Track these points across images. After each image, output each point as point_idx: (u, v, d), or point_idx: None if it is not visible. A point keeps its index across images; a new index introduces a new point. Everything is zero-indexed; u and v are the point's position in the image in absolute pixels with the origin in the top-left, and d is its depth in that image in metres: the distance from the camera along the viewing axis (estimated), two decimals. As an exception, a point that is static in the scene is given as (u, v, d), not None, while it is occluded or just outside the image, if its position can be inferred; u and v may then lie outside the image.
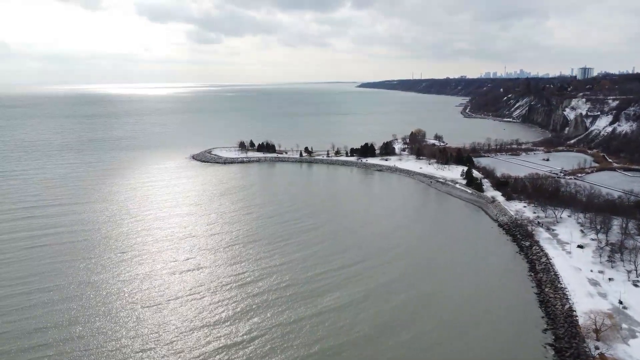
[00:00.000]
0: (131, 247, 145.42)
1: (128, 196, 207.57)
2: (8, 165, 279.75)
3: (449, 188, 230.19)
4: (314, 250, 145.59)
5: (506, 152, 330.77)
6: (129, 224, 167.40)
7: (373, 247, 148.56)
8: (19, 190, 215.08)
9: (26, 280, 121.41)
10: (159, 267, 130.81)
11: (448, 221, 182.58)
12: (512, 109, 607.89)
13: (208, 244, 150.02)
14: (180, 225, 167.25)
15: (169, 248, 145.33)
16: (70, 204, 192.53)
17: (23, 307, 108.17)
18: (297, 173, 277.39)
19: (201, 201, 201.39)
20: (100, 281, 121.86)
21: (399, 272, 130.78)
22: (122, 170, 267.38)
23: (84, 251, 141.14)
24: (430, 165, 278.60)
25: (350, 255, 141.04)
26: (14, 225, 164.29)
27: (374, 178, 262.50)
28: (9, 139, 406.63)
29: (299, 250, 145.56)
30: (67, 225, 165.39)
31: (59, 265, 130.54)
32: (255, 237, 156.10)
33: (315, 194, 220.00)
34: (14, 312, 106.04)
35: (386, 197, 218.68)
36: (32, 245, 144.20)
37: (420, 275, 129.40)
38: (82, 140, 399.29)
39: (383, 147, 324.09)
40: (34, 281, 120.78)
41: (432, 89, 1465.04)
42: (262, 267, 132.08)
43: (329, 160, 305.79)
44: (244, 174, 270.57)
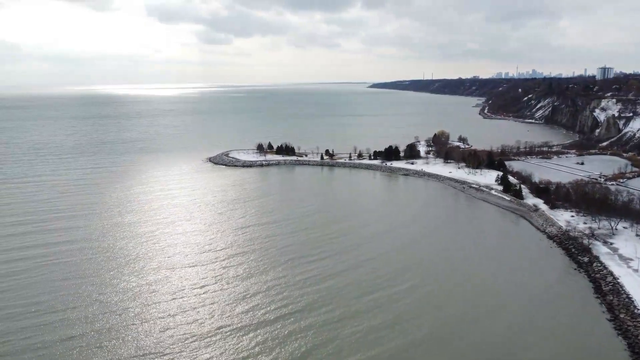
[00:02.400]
0: (152, 265, 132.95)
1: (145, 204, 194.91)
2: (20, 168, 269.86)
3: (484, 194, 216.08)
4: (338, 268, 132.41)
5: (536, 155, 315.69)
6: (147, 238, 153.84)
7: (406, 263, 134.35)
8: (32, 197, 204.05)
9: (40, 300, 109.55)
10: (184, 287, 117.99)
11: (489, 232, 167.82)
12: (534, 109, 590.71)
13: (235, 261, 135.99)
14: (204, 239, 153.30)
15: (194, 265, 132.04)
16: (85, 212, 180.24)
17: (37, 332, 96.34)
18: (318, 177, 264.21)
19: (222, 209, 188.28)
20: (119, 303, 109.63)
21: (436, 292, 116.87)
22: (137, 175, 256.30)
23: (100, 269, 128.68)
24: (459, 169, 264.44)
25: (382, 275, 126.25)
26: (27, 238, 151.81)
27: (400, 183, 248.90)
28: (21, 141, 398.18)
29: (324, 263, 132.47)
30: (82, 237, 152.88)
31: (75, 283, 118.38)
32: (287, 252, 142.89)
33: (338, 201, 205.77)
34: (29, 339, 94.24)
35: (416, 204, 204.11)
36: (46, 262, 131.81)
37: (463, 296, 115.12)
38: (95, 142, 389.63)
39: (407, 149, 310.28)
40: (48, 301, 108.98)
41: (445, 90, 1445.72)
42: (293, 284, 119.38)
43: (352, 164, 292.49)
44: (263, 178, 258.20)
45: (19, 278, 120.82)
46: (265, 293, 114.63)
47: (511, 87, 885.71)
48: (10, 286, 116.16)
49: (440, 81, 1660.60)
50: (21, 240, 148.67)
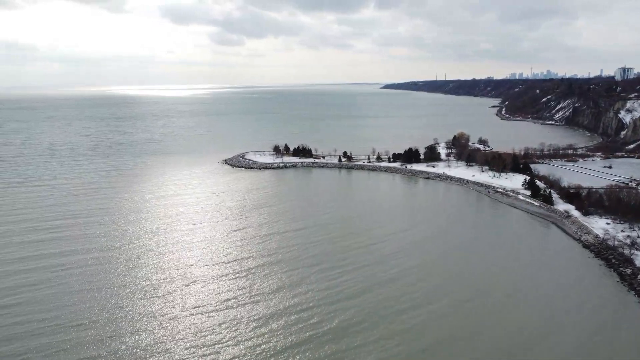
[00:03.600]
0: (172, 275, 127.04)
1: (162, 209, 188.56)
2: (35, 170, 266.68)
3: (511, 199, 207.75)
4: (360, 279, 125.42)
5: (561, 158, 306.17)
6: (166, 247, 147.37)
7: (441, 277, 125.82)
8: (47, 200, 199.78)
9: (58, 314, 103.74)
10: (207, 302, 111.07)
11: (520, 240, 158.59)
12: (553, 111, 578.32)
13: (260, 273, 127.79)
14: (226, 248, 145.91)
15: (216, 277, 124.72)
16: (100, 218, 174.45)
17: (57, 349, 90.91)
18: (337, 181, 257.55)
19: (243, 214, 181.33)
20: (138, 319, 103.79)
21: (479, 310, 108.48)
22: (153, 177, 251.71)
23: (117, 280, 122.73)
24: (483, 172, 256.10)
25: (417, 290, 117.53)
26: (42, 245, 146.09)
27: (422, 187, 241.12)
28: (36, 142, 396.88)
29: (354, 275, 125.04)
30: (98, 245, 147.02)
31: (92, 296, 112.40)
32: (313, 263, 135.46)
33: (361, 207, 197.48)
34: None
35: (442, 211, 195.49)
36: (62, 272, 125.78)
37: (511, 316, 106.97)
38: (110, 144, 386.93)
39: (428, 152, 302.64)
40: (66, 315, 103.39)
41: (460, 90, 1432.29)
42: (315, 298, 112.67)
43: (371, 167, 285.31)
44: (281, 181, 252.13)
45: (36, 289, 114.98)
46: (295, 309, 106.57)
47: (528, 87, 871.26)
48: (27, 299, 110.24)
49: (454, 82, 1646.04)
50: (36, 247, 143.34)
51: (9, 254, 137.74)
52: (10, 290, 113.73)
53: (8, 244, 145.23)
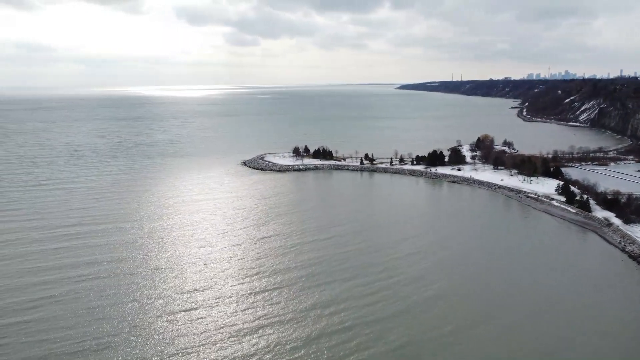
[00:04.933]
0: (195, 287, 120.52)
1: (183, 215, 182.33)
2: (53, 172, 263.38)
3: (544, 205, 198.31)
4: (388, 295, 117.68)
5: (590, 161, 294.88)
6: (188, 255, 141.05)
7: (476, 292, 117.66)
8: (66, 204, 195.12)
9: (79, 332, 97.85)
10: (233, 322, 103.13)
11: (558, 250, 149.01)
12: (577, 112, 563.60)
13: (290, 289, 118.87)
14: (252, 258, 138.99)
15: (243, 291, 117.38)
16: (119, 222, 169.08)
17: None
18: (360, 184, 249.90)
19: (266, 220, 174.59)
20: (161, 336, 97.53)
21: (521, 327, 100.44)
22: (172, 180, 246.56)
23: (137, 291, 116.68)
24: (512, 176, 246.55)
25: (460, 308, 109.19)
26: (60, 253, 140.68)
27: (448, 191, 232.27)
28: (55, 142, 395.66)
29: (392, 293, 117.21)
30: (118, 253, 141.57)
31: (112, 310, 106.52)
32: (346, 280, 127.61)
33: (389, 213, 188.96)
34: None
35: (473, 217, 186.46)
36: (82, 280, 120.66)
37: (552, 333, 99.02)
38: (128, 145, 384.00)
39: (452, 154, 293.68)
40: (88, 332, 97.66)
41: (477, 91, 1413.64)
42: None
43: (394, 169, 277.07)
44: (303, 184, 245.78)
45: (56, 302, 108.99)
46: (333, 330, 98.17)
47: (549, 88, 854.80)
48: (47, 313, 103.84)
49: (471, 82, 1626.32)
50: (54, 254, 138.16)
51: (28, 262, 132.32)
52: (30, 303, 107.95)
53: (27, 253, 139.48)
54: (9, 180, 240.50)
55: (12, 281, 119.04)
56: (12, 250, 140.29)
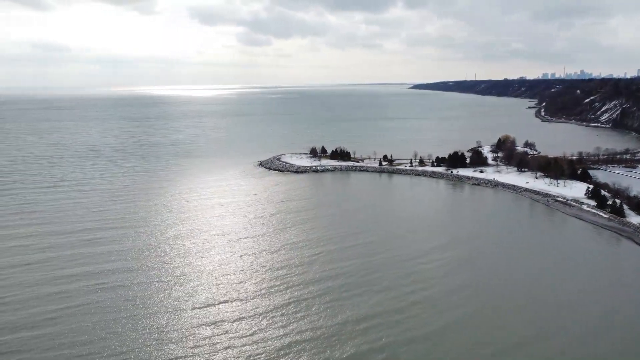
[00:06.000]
0: (215, 295, 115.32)
1: (201, 218, 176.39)
2: (69, 173, 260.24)
3: (574, 210, 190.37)
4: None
5: (617, 163, 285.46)
6: (207, 261, 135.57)
7: (510, 306, 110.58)
8: (82, 206, 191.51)
9: (98, 345, 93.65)
10: (259, 340, 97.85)
11: (594, 259, 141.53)
12: (598, 112, 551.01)
13: (320, 300, 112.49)
14: (276, 264, 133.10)
15: (273, 307, 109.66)
16: (138, 227, 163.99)
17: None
18: (379, 186, 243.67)
19: (287, 225, 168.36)
20: (181, 347, 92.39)
21: (559, 348, 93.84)
22: (188, 181, 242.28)
23: (154, 298, 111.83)
24: (537, 179, 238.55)
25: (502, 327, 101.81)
26: (76, 256, 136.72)
27: (471, 194, 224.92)
28: (70, 142, 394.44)
29: (431, 306, 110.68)
30: (134, 257, 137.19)
31: (129, 318, 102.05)
32: (377, 292, 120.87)
33: (410, 218, 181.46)
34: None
35: (499, 222, 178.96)
36: (95, 288, 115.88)
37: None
38: (143, 145, 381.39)
39: (474, 156, 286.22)
40: (107, 346, 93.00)
41: (492, 91, 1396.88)
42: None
43: (414, 171, 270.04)
44: (323, 186, 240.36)
45: (72, 313, 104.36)
46: (368, 349, 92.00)
47: (567, 88, 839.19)
48: (64, 328, 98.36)
49: (486, 82, 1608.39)
50: (71, 261, 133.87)
51: (44, 269, 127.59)
52: (47, 315, 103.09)
53: (43, 259, 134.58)
54: (25, 181, 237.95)
55: (29, 290, 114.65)
56: (27, 257, 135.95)
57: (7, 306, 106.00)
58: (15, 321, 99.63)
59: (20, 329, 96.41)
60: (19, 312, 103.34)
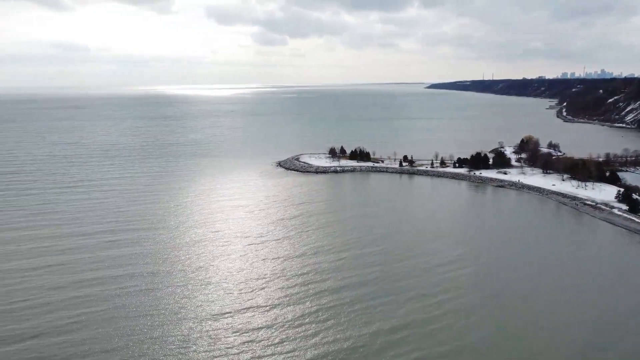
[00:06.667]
0: (238, 300, 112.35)
1: (221, 222, 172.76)
2: (89, 172, 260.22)
3: (605, 214, 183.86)
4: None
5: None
6: (230, 265, 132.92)
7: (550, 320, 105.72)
8: (101, 205, 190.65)
9: (115, 346, 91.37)
10: (285, 351, 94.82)
11: (628, 265, 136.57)
12: (623, 113, 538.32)
13: (350, 310, 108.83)
14: (299, 270, 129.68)
15: (298, 316, 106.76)
16: (157, 229, 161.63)
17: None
18: (401, 188, 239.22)
19: (310, 227, 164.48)
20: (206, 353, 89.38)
21: None
22: (207, 181, 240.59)
23: (176, 303, 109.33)
24: (564, 181, 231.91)
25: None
26: (97, 257, 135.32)
27: (495, 197, 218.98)
28: (89, 141, 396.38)
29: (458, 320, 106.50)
30: (155, 259, 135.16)
31: (154, 329, 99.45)
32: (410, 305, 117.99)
33: (433, 224, 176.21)
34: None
35: (529, 227, 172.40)
36: (117, 291, 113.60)
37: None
38: (161, 144, 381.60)
39: (496, 157, 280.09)
40: (123, 348, 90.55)
41: (511, 90, 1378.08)
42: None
43: (435, 172, 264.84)
44: (344, 187, 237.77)
45: (95, 319, 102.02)
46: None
47: (588, 88, 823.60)
48: (86, 335, 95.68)
49: (504, 81, 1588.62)
50: (91, 260, 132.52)
51: (65, 273, 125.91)
52: (68, 320, 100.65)
53: (63, 262, 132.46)
54: (45, 180, 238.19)
55: (50, 294, 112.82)
56: (48, 259, 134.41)
57: (29, 310, 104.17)
58: (37, 325, 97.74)
59: (42, 335, 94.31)
60: (41, 317, 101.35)
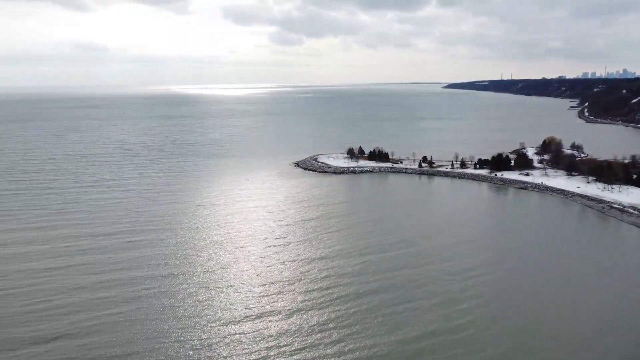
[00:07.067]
0: (258, 305, 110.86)
1: (239, 223, 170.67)
2: (109, 172, 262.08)
3: (633, 218, 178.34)
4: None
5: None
6: (249, 268, 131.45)
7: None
8: (122, 205, 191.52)
9: (134, 350, 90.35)
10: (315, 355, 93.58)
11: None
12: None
13: (373, 314, 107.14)
14: (321, 275, 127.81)
15: (314, 317, 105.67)
16: (176, 228, 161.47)
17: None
18: (420, 189, 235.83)
19: (328, 230, 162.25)
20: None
21: None
22: (226, 182, 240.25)
23: (196, 308, 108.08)
24: (589, 184, 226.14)
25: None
26: (116, 259, 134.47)
27: (518, 200, 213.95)
28: (109, 140, 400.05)
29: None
30: (178, 263, 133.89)
31: (177, 332, 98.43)
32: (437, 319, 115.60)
33: (456, 226, 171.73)
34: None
35: (554, 231, 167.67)
36: (141, 296, 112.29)
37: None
38: (179, 144, 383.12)
39: (518, 158, 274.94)
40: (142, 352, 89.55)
41: (530, 90, 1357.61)
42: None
43: (455, 174, 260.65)
44: (363, 189, 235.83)
45: (111, 315, 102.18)
46: None
47: (611, 88, 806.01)
48: (108, 337, 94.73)
49: (523, 81, 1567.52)
50: (112, 261, 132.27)
51: (86, 274, 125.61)
52: (89, 322, 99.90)
53: (84, 263, 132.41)
54: (67, 179, 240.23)
55: (71, 294, 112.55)
56: (69, 259, 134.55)
57: (50, 311, 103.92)
58: (58, 327, 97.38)
59: (63, 337, 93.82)
60: (62, 318, 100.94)
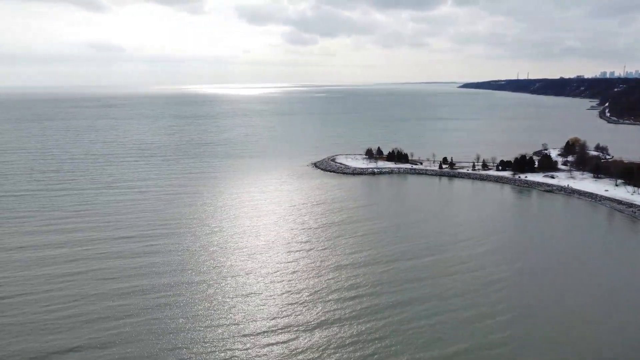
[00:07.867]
0: (277, 311, 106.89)
1: (257, 227, 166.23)
2: (126, 172, 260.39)
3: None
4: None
5: None
6: (268, 274, 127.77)
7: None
8: (139, 206, 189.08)
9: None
10: None
11: None
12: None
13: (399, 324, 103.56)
14: (345, 282, 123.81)
15: (341, 330, 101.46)
16: (194, 232, 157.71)
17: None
18: (441, 192, 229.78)
19: (354, 234, 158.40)
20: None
21: None
22: (243, 183, 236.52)
23: (213, 317, 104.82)
24: (617, 187, 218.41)
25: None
26: (135, 264, 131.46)
27: (543, 203, 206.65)
28: (125, 140, 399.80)
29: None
30: (196, 272, 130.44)
31: (192, 338, 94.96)
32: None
33: (481, 234, 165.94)
34: None
35: (585, 237, 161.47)
36: (158, 303, 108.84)
37: None
38: (195, 144, 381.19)
39: (543, 160, 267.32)
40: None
41: (548, 90, 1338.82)
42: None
43: (477, 175, 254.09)
44: (380, 191, 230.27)
45: (130, 324, 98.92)
46: None
47: (633, 87, 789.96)
48: (127, 348, 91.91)
49: (540, 81, 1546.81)
50: (129, 266, 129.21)
51: (105, 280, 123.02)
52: (110, 332, 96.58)
53: (104, 268, 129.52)
54: (83, 180, 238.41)
55: (89, 302, 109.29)
56: (87, 263, 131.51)
57: (68, 319, 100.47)
58: (77, 336, 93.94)
59: (82, 348, 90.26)
60: (81, 327, 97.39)
